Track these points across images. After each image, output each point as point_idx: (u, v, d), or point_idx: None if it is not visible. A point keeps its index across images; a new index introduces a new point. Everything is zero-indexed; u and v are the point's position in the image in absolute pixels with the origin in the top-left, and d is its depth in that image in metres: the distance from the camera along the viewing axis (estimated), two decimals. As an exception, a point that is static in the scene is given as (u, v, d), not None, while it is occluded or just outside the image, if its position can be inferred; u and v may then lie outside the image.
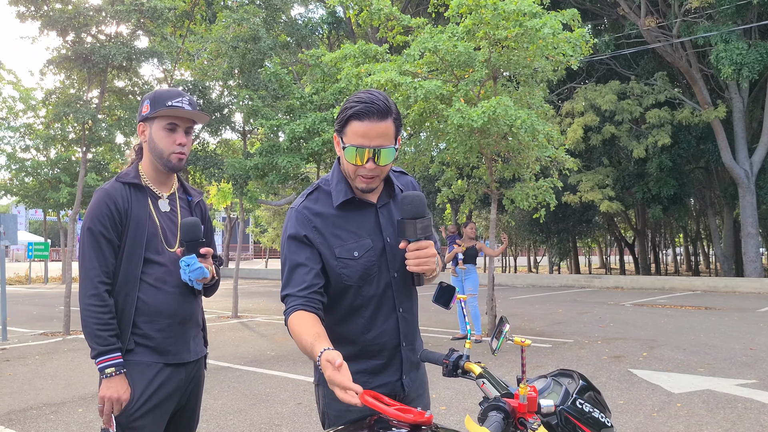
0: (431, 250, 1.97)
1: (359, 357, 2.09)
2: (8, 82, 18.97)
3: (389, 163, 1.99)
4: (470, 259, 9.99)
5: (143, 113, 2.49)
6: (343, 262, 2.03)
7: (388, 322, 2.10)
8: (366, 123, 1.92)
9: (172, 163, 2.48)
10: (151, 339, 2.40)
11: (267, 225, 40.20)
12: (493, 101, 8.64)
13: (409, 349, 2.15)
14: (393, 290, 2.10)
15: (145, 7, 11.87)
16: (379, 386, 2.08)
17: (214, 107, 14.07)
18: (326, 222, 2.05)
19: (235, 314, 13.56)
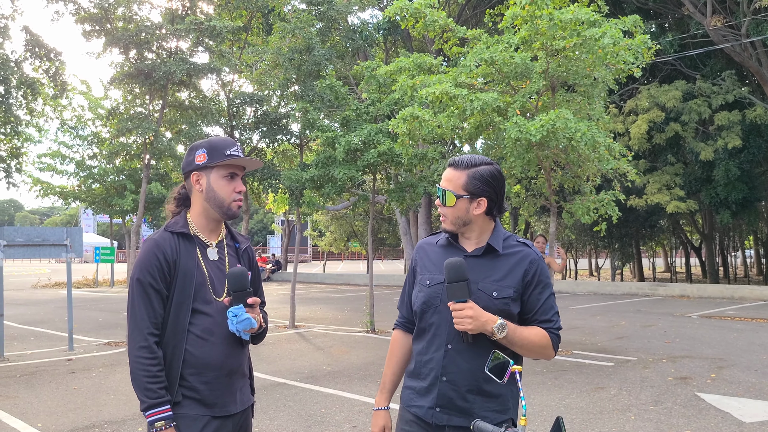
0: (466, 312, 2.16)
1: (414, 375, 2.39)
2: (79, 92, 19.63)
3: (452, 206, 2.32)
4: None
5: (199, 162, 2.49)
6: (418, 287, 2.42)
7: (438, 352, 2.31)
8: (446, 171, 2.38)
9: (232, 210, 2.51)
10: (198, 391, 2.38)
11: (325, 229, 40.53)
12: (552, 114, 8.43)
13: (451, 387, 2.28)
14: (448, 326, 2.28)
15: (204, 26, 12.09)
16: (418, 407, 2.34)
17: (271, 118, 14.22)
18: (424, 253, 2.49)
19: (292, 324, 13.66)
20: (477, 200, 2.31)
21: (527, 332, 2.26)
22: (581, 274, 37.30)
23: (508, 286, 2.28)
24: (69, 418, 6.48)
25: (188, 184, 2.56)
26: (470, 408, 2.27)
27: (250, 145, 15.08)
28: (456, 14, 26.66)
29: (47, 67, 10.67)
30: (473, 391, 2.27)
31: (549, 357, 2.36)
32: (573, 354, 9.97)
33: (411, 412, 2.38)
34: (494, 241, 2.35)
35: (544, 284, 2.33)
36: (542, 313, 2.32)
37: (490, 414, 2.27)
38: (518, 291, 2.29)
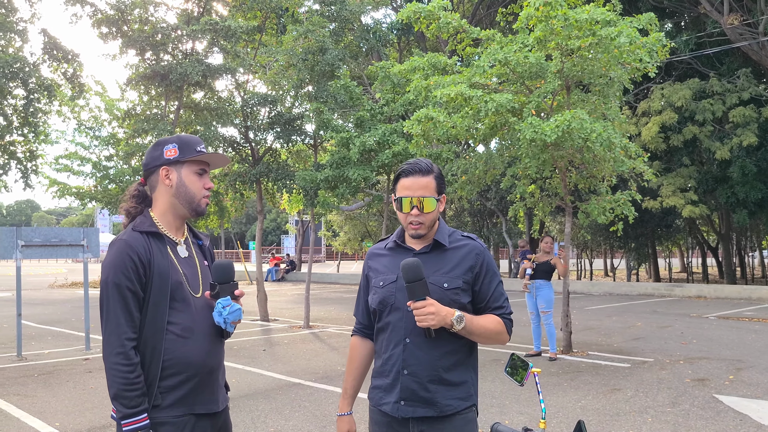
0: (428, 308, 2.25)
1: (378, 374, 2.49)
2: (95, 93, 19.77)
3: (432, 210, 2.40)
4: (544, 274, 9.72)
5: (169, 157, 2.42)
6: (373, 290, 2.52)
7: (397, 348, 2.41)
8: (411, 179, 2.41)
9: (201, 207, 2.48)
10: (179, 391, 2.32)
11: (339, 229, 40.57)
12: (567, 115, 8.39)
13: (413, 380, 2.37)
14: (404, 321, 2.39)
15: (219, 26, 12.14)
16: (385, 403, 2.42)
17: (285, 119, 14.26)
18: (375, 259, 2.60)
19: (306, 324, 13.69)
20: (440, 198, 2.46)
21: (483, 320, 2.39)
22: (596, 275, 37.09)
23: (457, 277, 2.40)
24: (86, 418, 6.53)
25: (153, 180, 2.47)
26: (433, 398, 2.35)
27: (264, 146, 15.11)
28: (470, 14, 26.62)
29: (65, 69, 10.74)
30: (434, 380, 2.36)
31: (504, 342, 2.48)
32: (589, 355, 9.91)
33: (381, 410, 2.45)
34: (440, 236, 2.47)
35: (492, 273, 2.46)
36: (494, 300, 2.45)
37: (454, 402, 2.37)
38: (468, 282, 2.41)
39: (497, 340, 2.44)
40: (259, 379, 8.38)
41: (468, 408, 2.40)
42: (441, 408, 2.36)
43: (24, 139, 10.62)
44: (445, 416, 2.36)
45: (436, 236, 2.47)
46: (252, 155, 14.93)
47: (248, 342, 11.66)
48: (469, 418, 2.42)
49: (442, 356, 2.37)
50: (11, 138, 10.49)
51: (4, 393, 7.58)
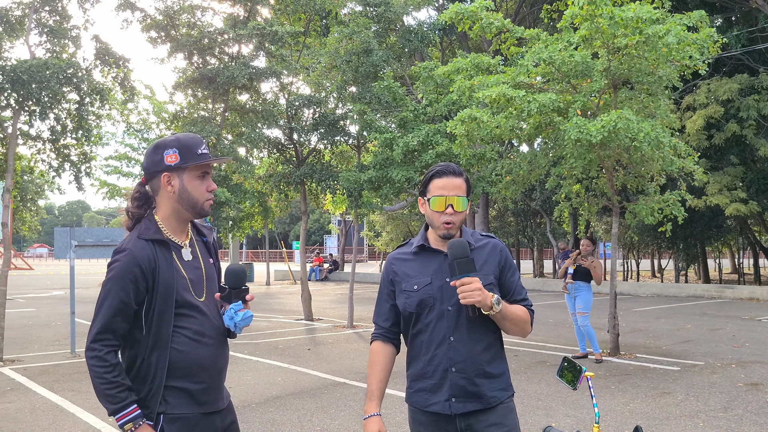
0: (474, 284, 2.32)
1: (420, 377, 2.55)
2: (144, 96, 20.19)
3: (463, 210, 2.51)
4: (583, 276, 9.58)
5: (170, 163, 2.40)
6: (405, 294, 2.56)
7: (441, 347, 2.49)
8: (445, 179, 2.52)
9: (205, 210, 2.48)
10: (191, 392, 2.37)
11: (381, 229, 40.67)
12: (613, 115, 8.27)
13: (461, 376, 2.46)
14: (446, 321, 2.48)
15: (266, 31, 12.29)
16: (434, 404, 2.48)
17: (329, 120, 14.36)
18: (400, 264, 2.64)
19: (350, 324, 13.78)
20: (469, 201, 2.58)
21: (514, 308, 2.50)
22: (643, 276, 36.39)
23: (488, 273, 2.52)
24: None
25: (154, 184, 2.46)
26: (480, 391, 2.47)
27: (308, 147, 15.26)
28: (513, 12, 26.41)
29: (115, 73, 11.01)
30: (480, 374, 2.48)
31: (527, 332, 2.58)
32: (636, 357, 9.75)
33: (428, 411, 2.51)
34: (466, 236, 2.59)
35: (513, 268, 2.62)
36: (517, 293, 2.59)
37: (497, 393, 2.50)
38: (496, 276, 2.55)
39: (522, 330, 2.54)
40: (305, 378, 8.47)
41: (509, 397, 2.54)
42: (488, 400, 2.47)
43: (77, 142, 10.91)
44: (490, 407, 2.48)
45: (464, 236, 2.57)
46: (296, 156, 15.08)
47: (293, 341, 11.79)
48: (511, 407, 2.55)
49: (483, 350, 2.49)
50: (65, 141, 10.78)
51: (59, 389, 7.82)
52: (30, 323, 14.47)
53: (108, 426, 6.23)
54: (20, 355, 10.14)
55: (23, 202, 20.08)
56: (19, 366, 9.30)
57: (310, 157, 15.24)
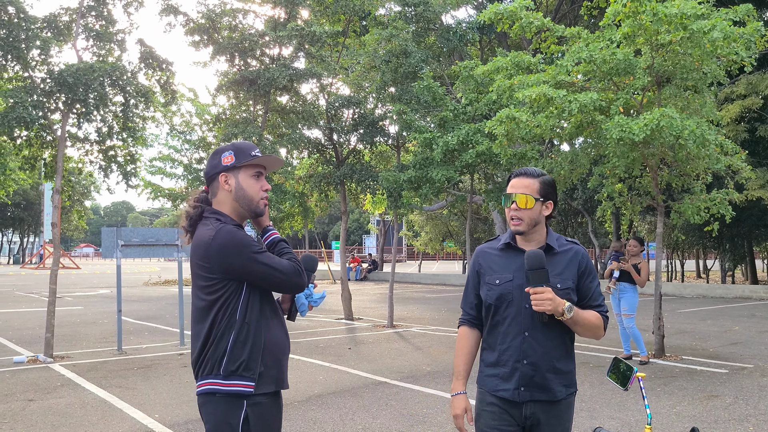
0: (546, 294, 2.52)
1: (494, 364, 2.74)
2: (187, 99, 20.52)
3: (528, 209, 2.68)
4: (628, 277, 9.43)
5: (226, 164, 2.63)
6: (487, 286, 2.77)
7: (516, 340, 2.67)
8: (516, 179, 2.77)
9: (260, 208, 2.67)
10: (273, 369, 2.59)
11: (420, 229, 40.62)
12: (656, 113, 8.12)
13: (531, 369, 2.65)
14: (523, 317, 2.67)
15: (305, 32, 12.39)
16: (503, 390, 2.68)
17: (369, 120, 14.41)
18: (487, 257, 2.85)
19: (390, 323, 13.81)
20: (546, 203, 2.74)
21: (587, 314, 2.66)
22: (688, 276, 35.64)
23: (568, 278, 2.69)
24: (183, 411, 6.82)
25: (214, 187, 2.67)
26: (547, 384, 2.65)
27: (348, 147, 15.33)
28: (553, 9, 26.12)
29: (158, 76, 11.22)
30: (550, 369, 2.66)
31: (599, 337, 2.74)
32: (683, 360, 9.57)
33: (496, 395, 2.71)
34: (551, 241, 2.76)
35: (593, 275, 2.75)
36: (594, 299, 2.74)
37: (563, 388, 2.68)
38: (575, 281, 2.70)
39: (595, 334, 2.71)
40: (346, 377, 8.52)
41: (572, 394, 2.74)
42: (554, 393, 2.66)
43: (123, 143, 11.15)
44: (554, 401, 2.67)
45: (548, 240, 2.75)
46: (336, 157, 15.17)
47: (334, 340, 11.87)
48: (571, 403, 2.75)
49: (555, 347, 2.68)
50: (111, 143, 11.03)
51: (107, 385, 8.01)
52: (78, 321, 14.84)
53: (154, 422, 6.36)
54: (69, 352, 10.41)
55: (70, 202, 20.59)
56: (68, 362, 9.55)
57: (350, 157, 15.31)
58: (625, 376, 2.26)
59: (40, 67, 10.12)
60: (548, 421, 2.67)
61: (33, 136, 10.78)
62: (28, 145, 10.96)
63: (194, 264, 2.57)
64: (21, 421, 6.39)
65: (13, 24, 9.59)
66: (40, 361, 9.59)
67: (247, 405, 2.51)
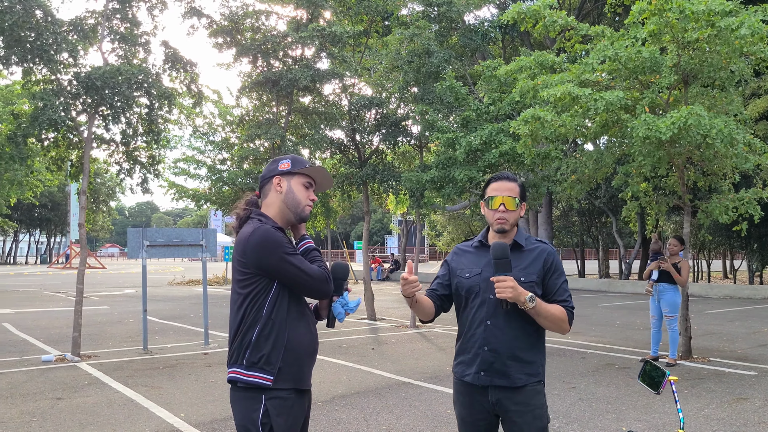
0: (507, 282, 2.73)
1: (461, 351, 3.00)
2: (210, 100, 20.71)
3: (514, 210, 2.92)
4: (668, 277, 9.29)
5: (283, 169, 2.87)
6: (457, 279, 3.04)
7: (479, 328, 2.90)
8: (499, 182, 2.98)
9: (305, 213, 2.88)
10: (293, 367, 2.73)
11: (442, 229, 40.52)
12: (683, 111, 8.01)
13: (492, 355, 2.86)
14: (486, 307, 2.90)
15: (326, 32, 12.41)
16: (467, 374, 2.92)
17: (391, 121, 14.41)
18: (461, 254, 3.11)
19: (413, 324, 13.79)
20: (522, 205, 2.99)
21: (550, 307, 2.84)
22: (714, 277, 35.14)
23: (532, 273, 2.90)
24: (208, 410, 6.86)
25: (266, 188, 2.90)
26: (507, 371, 2.85)
27: (370, 148, 15.34)
28: (576, 7, 25.92)
29: (183, 77, 11.32)
30: (511, 357, 2.85)
31: (565, 330, 2.89)
32: (710, 361, 9.44)
33: (463, 381, 2.95)
34: (519, 238, 2.98)
35: (559, 272, 2.95)
36: (559, 294, 2.91)
37: (524, 376, 2.86)
38: (540, 276, 2.91)
39: (560, 327, 2.87)
40: (369, 377, 8.52)
41: (537, 382, 2.89)
42: (513, 380, 2.85)
43: (147, 145, 11.26)
44: (517, 387, 2.85)
45: (516, 238, 2.97)
46: (359, 157, 15.18)
47: (357, 340, 11.88)
48: (539, 390, 2.90)
49: (517, 337, 2.87)
50: (135, 144, 11.15)
51: (133, 384, 8.09)
52: (104, 320, 15.01)
53: (180, 421, 6.41)
54: (96, 351, 10.53)
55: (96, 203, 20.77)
56: (95, 361, 9.67)
57: (373, 157, 15.31)
58: (657, 380, 2.22)
59: (67, 69, 10.25)
60: (515, 408, 2.83)
61: (60, 138, 10.93)
62: (55, 147, 11.12)
63: (234, 259, 2.79)
64: (50, 419, 6.47)
65: (41, 27, 9.73)
66: (68, 360, 9.71)
67: (266, 399, 2.66)
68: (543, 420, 2.87)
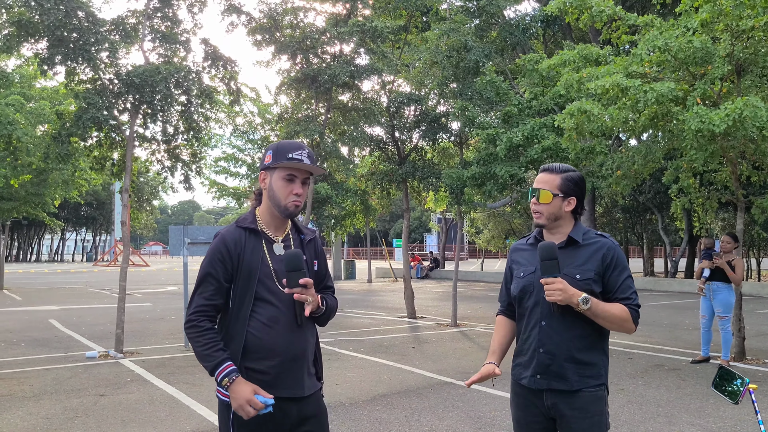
0: (556, 285, 2.59)
1: (518, 353, 2.87)
2: (249, 99, 20.82)
3: (547, 203, 2.76)
4: (722, 276, 8.94)
5: (266, 163, 2.70)
6: (515, 280, 2.89)
7: (534, 329, 2.76)
8: (539, 174, 2.86)
9: (289, 210, 2.68)
10: (264, 374, 2.59)
11: (482, 226, 40.14)
12: (738, 102, 7.68)
13: (547, 357, 2.71)
14: (540, 307, 2.74)
15: (366, 27, 12.31)
16: (524, 377, 2.78)
17: (430, 117, 14.25)
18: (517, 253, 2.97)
19: (454, 322, 13.62)
20: (568, 199, 2.78)
21: (609, 306, 2.65)
22: (765, 276, 34.09)
23: (589, 270, 2.70)
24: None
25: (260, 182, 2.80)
26: (564, 373, 2.69)
27: (410, 144, 15.20)
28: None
29: (222, 75, 11.33)
30: (568, 359, 2.69)
31: (629, 330, 2.71)
32: (765, 363, 9.08)
33: (520, 383, 2.82)
34: (575, 234, 2.79)
35: (621, 267, 2.73)
36: (621, 291, 2.71)
37: (584, 379, 2.69)
38: (599, 273, 2.71)
39: (623, 327, 2.68)
40: (411, 376, 8.38)
41: (597, 386, 2.71)
42: (571, 383, 2.69)
43: (188, 143, 11.31)
44: (575, 391, 2.69)
45: (571, 233, 2.79)
46: (398, 154, 15.05)
47: (397, 339, 11.76)
48: (599, 395, 2.72)
49: (575, 338, 2.70)
50: (176, 143, 11.20)
51: (175, 381, 8.10)
52: (147, 317, 15.18)
53: (221, 420, 6.36)
54: (139, 348, 10.62)
55: (139, 202, 21.08)
56: (137, 358, 9.74)
57: (412, 154, 15.17)
58: (736, 388, 2.04)
59: (109, 69, 10.34)
60: (572, 414, 2.68)
61: (103, 137, 11.04)
62: (98, 146, 11.24)
63: None
64: (92, 415, 6.50)
65: (83, 28, 9.82)
66: (111, 356, 9.80)
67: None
68: (602, 428, 2.70)
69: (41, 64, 9.89)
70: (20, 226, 62.54)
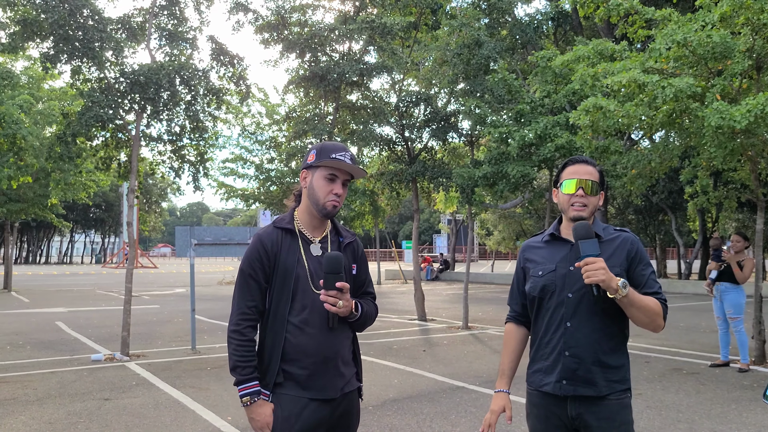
0: (598, 264, 2.40)
1: (537, 358, 2.68)
2: (257, 99, 20.69)
3: (593, 195, 2.62)
4: (730, 276, 8.73)
5: (308, 161, 2.70)
6: (531, 279, 2.71)
7: (558, 331, 2.59)
8: (577, 165, 2.67)
9: (326, 209, 2.65)
10: (297, 376, 2.58)
11: (493, 228, 39.88)
12: (760, 98, 7.43)
13: (574, 361, 2.54)
14: (564, 307, 2.58)
15: (375, 24, 12.13)
16: (546, 384, 2.60)
17: (441, 116, 14.04)
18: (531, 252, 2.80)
19: (465, 325, 13.40)
20: (601, 193, 2.69)
21: (644, 297, 2.50)
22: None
23: (615, 265, 2.55)
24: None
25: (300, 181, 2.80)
26: (592, 378, 2.53)
27: (419, 144, 14.99)
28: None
29: (230, 73, 11.16)
30: (596, 363, 2.54)
31: (658, 325, 2.54)
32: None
33: (541, 391, 2.63)
34: (597, 229, 2.65)
35: (645, 262, 2.62)
36: (648, 286, 2.57)
37: (611, 383, 2.55)
38: (624, 268, 2.57)
39: (654, 322, 2.52)
40: (422, 380, 8.18)
41: (623, 391, 2.58)
42: (600, 388, 2.53)
43: (195, 143, 11.15)
44: (602, 397, 2.53)
45: (594, 228, 2.61)
46: (408, 154, 14.85)
47: (408, 342, 11.55)
48: (625, 403, 2.59)
49: (601, 339, 2.55)
50: (183, 143, 11.04)
51: (180, 385, 7.93)
52: (154, 319, 15.03)
53: (227, 424, 6.18)
54: (145, 350, 10.46)
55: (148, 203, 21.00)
56: (143, 361, 9.57)
57: (422, 154, 14.96)
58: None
59: (114, 67, 10.19)
60: (598, 425, 2.52)
61: (109, 137, 10.89)
62: (104, 146, 11.09)
63: None
64: (96, 420, 6.33)
65: (88, 26, 9.67)
66: (117, 359, 9.64)
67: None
68: None
69: (45, 61, 9.75)
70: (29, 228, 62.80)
